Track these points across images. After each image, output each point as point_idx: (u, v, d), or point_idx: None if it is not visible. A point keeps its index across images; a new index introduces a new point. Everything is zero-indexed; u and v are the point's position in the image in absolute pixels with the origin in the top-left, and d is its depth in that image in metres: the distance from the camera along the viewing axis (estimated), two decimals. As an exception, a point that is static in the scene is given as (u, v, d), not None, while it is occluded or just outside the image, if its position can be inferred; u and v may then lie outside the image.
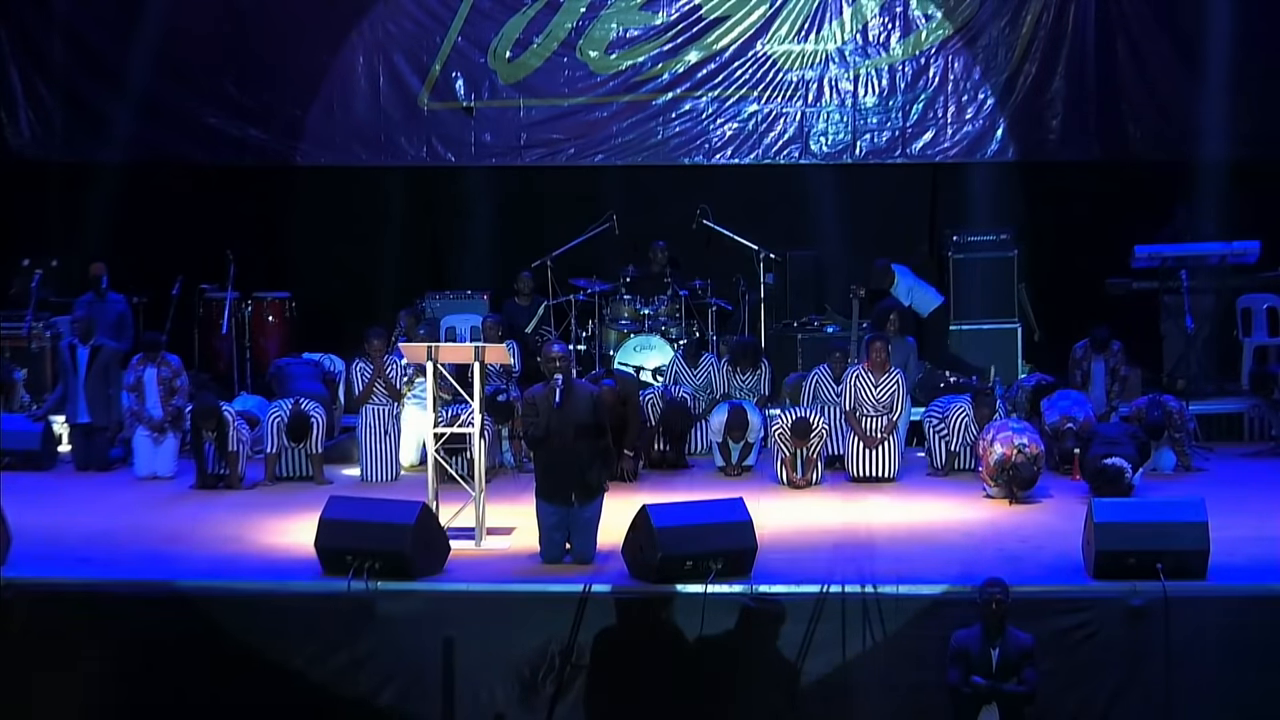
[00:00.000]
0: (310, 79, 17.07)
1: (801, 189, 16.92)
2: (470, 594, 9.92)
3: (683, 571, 9.75)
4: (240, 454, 13.14)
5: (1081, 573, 9.98)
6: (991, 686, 8.96)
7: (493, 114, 17.21)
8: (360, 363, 13.72)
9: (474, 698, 9.70)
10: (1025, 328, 15.69)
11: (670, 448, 13.94)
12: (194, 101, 17.08)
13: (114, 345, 14.24)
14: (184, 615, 9.87)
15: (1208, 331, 15.67)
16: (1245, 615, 9.58)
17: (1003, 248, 15.67)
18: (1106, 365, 14.21)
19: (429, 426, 11.33)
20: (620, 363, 15.19)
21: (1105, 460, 11.91)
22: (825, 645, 9.61)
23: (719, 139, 17.12)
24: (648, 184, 17.08)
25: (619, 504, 10.89)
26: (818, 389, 13.78)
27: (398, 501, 10.46)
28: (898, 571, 10.04)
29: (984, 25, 16.76)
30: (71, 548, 10.91)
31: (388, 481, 13.37)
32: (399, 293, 16.30)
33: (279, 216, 16.75)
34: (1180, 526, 9.81)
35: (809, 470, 13.08)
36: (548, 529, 10.47)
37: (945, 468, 13.43)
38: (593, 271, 16.12)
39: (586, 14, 17.05)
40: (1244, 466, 13.72)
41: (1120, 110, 16.69)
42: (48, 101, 17.26)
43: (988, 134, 16.85)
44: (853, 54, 16.98)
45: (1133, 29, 16.62)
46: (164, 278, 15.83)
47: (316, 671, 9.80)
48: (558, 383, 10.34)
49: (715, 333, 15.88)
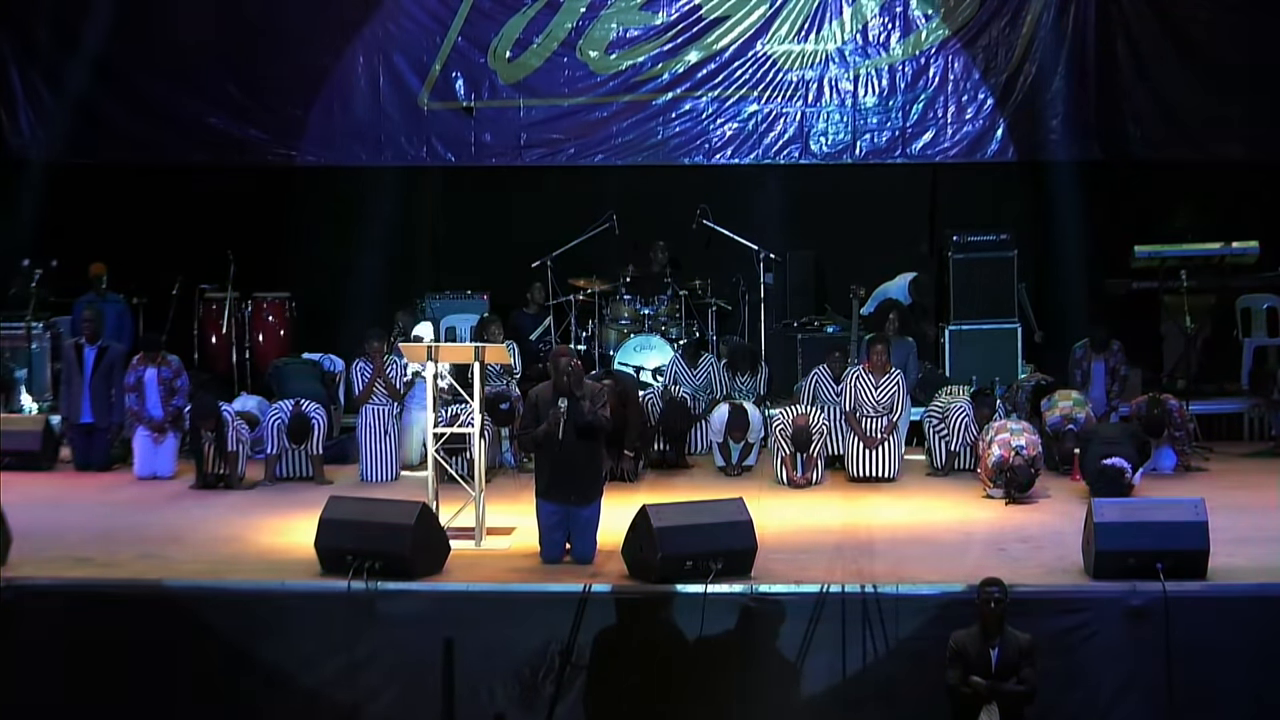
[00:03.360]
0: (310, 79, 17.07)
1: (801, 189, 16.94)
2: (470, 594, 9.92)
3: (683, 571, 9.75)
4: (240, 454, 13.14)
5: (1081, 573, 9.98)
6: (991, 686, 8.96)
7: (493, 114, 17.22)
8: (360, 363, 13.73)
9: (474, 698, 9.69)
10: (1025, 328, 15.68)
11: (670, 448, 13.95)
12: (194, 102, 17.09)
13: (121, 346, 14.26)
14: (184, 615, 9.87)
15: (1208, 331, 15.68)
16: (1245, 615, 9.58)
17: (1003, 248, 15.66)
18: (1106, 365, 14.21)
19: (429, 426, 11.34)
20: (620, 363, 15.20)
21: (1105, 461, 11.91)
22: (825, 645, 9.60)
23: (719, 139, 17.12)
24: (648, 184, 17.08)
25: (619, 504, 10.91)
26: (818, 389, 13.79)
27: (398, 501, 10.46)
28: (898, 571, 10.04)
29: (984, 25, 16.78)
30: (71, 548, 10.91)
31: (388, 481, 13.38)
32: (399, 293, 16.30)
33: (279, 216, 16.75)
34: (1180, 526, 9.80)
35: (809, 470, 13.08)
36: (548, 529, 10.47)
37: (945, 468, 13.44)
38: (593, 271, 16.13)
39: (586, 14, 17.06)
40: (1244, 466, 13.73)
41: (1120, 110, 16.70)
42: (48, 101, 17.26)
43: (988, 134, 16.86)
44: (853, 54, 16.99)
45: (1133, 29, 16.63)
46: (164, 278, 15.84)
47: (316, 671, 9.79)
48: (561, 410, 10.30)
49: (715, 333, 15.89)
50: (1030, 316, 15.93)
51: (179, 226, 16.60)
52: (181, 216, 16.68)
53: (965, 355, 15.45)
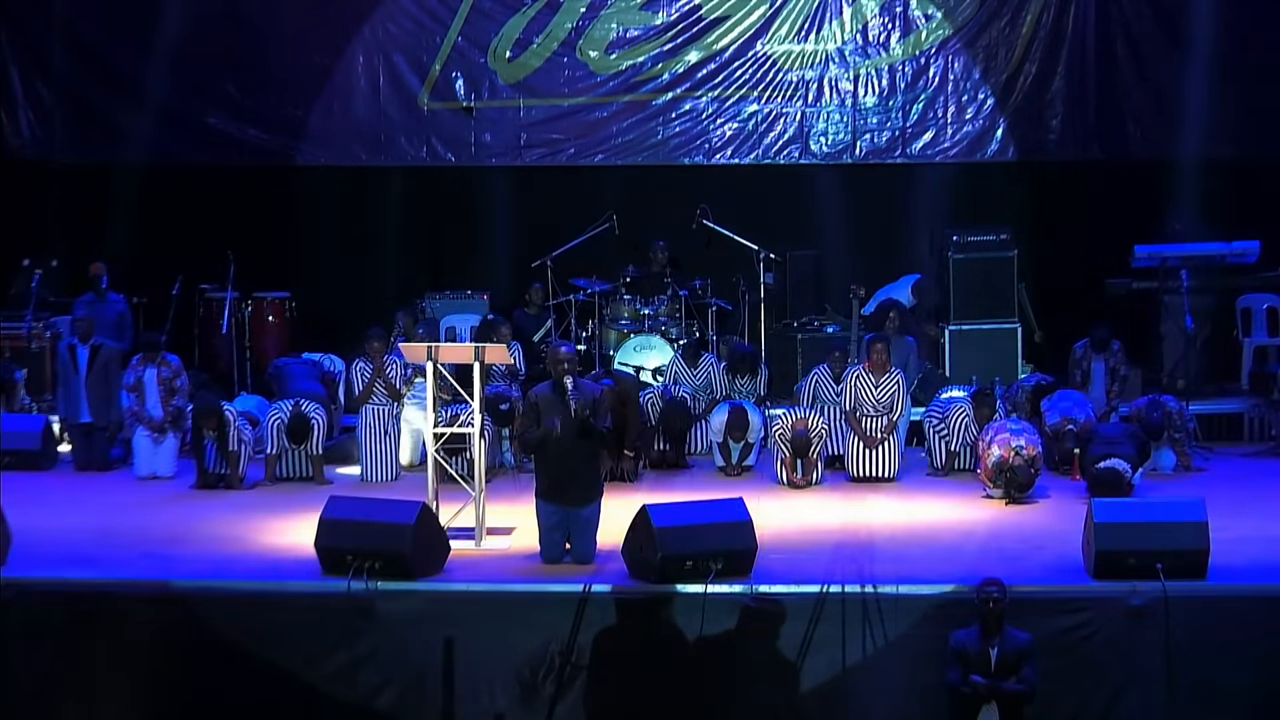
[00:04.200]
0: (310, 79, 17.09)
1: (801, 189, 16.94)
2: (470, 594, 9.91)
3: (683, 571, 9.74)
4: (241, 454, 13.14)
5: (1081, 573, 9.98)
6: (990, 686, 8.96)
7: (493, 114, 17.23)
8: (360, 363, 13.72)
9: (474, 698, 9.70)
10: (1025, 328, 15.68)
11: (670, 448, 13.95)
12: (194, 102, 17.10)
13: (113, 344, 14.25)
14: (183, 615, 9.86)
15: (1208, 331, 15.68)
16: (1245, 615, 9.57)
17: (1003, 248, 15.65)
18: (1106, 365, 14.21)
19: (429, 426, 11.33)
20: (620, 363, 15.19)
21: (1102, 464, 11.90)
22: (825, 645, 9.60)
23: (719, 139, 17.13)
24: (648, 184, 17.09)
25: (619, 504, 10.90)
26: (818, 389, 13.78)
27: (398, 501, 10.45)
28: (898, 571, 10.04)
29: (984, 25, 16.79)
30: (71, 548, 10.90)
31: (388, 481, 13.37)
32: (399, 293, 16.31)
33: (279, 216, 16.76)
34: (1180, 526, 9.80)
35: (809, 470, 13.07)
36: (548, 529, 10.47)
37: (945, 468, 13.43)
38: (593, 271, 16.13)
39: (586, 14, 17.06)
40: (1244, 466, 13.73)
41: (1120, 110, 16.71)
42: (48, 101, 17.28)
43: (988, 134, 16.87)
44: (853, 54, 16.99)
45: (1133, 29, 16.65)
46: (164, 278, 15.83)
47: (316, 671, 9.79)
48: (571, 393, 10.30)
49: (715, 333, 15.89)
50: (1030, 316, 15.93)
51: (179, 226, 16.60)
52: (181, 216, 16.68)
53: (965, 355, 15.45)
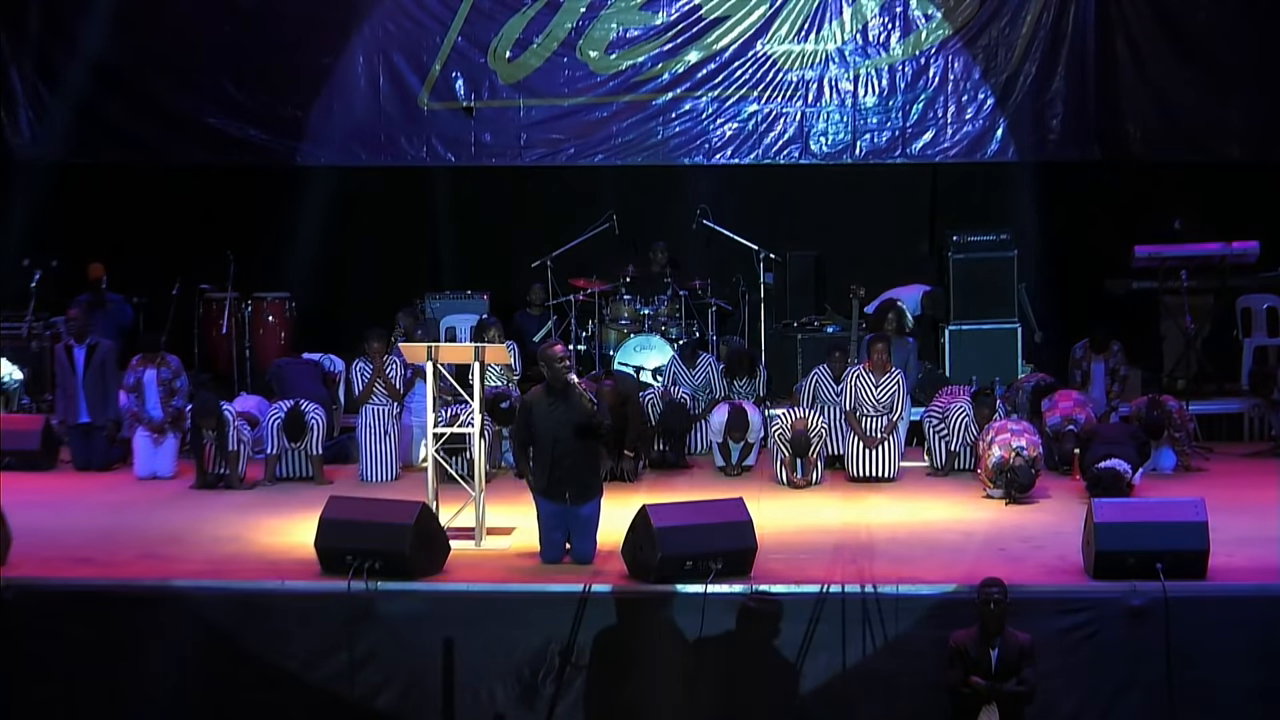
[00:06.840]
0: (310, 79, 17.09)
1: (801, 189, 16.95)
2: (470, 594, 9.91)
3: (683, 571, 9.74)
4: (241, 454, 13.14)
5: (1081, 573, 9.98)
6: (990, 686, 8.96)
7: (493, 114, 17.23)
8: (360, 363, 13.73)
9: (474, 698, 9.70)
10: (1025, 328, 15.69)
11: (670, 448, 13.95)
12: (194, 102, 17.11)
13: (109, 343, 14.24)
14: (184, 615, 9.87)
15: (1208, 331, 15.69)
16: (1245, 615, 9.57)
17: (1002, 248, 15.66)
18: (1106, 365, 14.21)
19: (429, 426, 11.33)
20: (620, 363, 15.20)
21: (1101, 465, 11.89)
22: (825, 645, 9.59)
23: (719, 139, 17.13)
24: (648, 184, 17.09)
25: (619, 504, 10.90)
26: (818, 389, 13.78)
27: (398, 501, 10.46)
28: (898, 572, 10.04)
29: (984, 25, 16.79)
30: (71, 548, 10.90)
31: (388, 481, 13.38)
32: (399, 293, 16.31)
33: (279, 216, 16.75)
34: (1180, 526, 9.80)
35: (809, 470, 13.08)
36: (548, 529, 10.47)
37: (945, 468, 13.44)
38: (593, 271, 16.13)
39: (586, 14, 17.07)
40: (1244, 466, 13.73)
41: (1120, 110, 16.71)
42: (48, 101, 17.28)
43: (988, 134, 16.87)
44: (853, 54, 16.99)
45: (1133, 29, 16.64)
46: (164, 278, 15.84)
47: (316, 671, 9.79)
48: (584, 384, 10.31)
49: (715, 333, 15.89)
50: (1030, 316, 15.93)
51: (179, 226, 16.61)
52: (181, 216, 16.70)
53: (965, 355, 15.46)
